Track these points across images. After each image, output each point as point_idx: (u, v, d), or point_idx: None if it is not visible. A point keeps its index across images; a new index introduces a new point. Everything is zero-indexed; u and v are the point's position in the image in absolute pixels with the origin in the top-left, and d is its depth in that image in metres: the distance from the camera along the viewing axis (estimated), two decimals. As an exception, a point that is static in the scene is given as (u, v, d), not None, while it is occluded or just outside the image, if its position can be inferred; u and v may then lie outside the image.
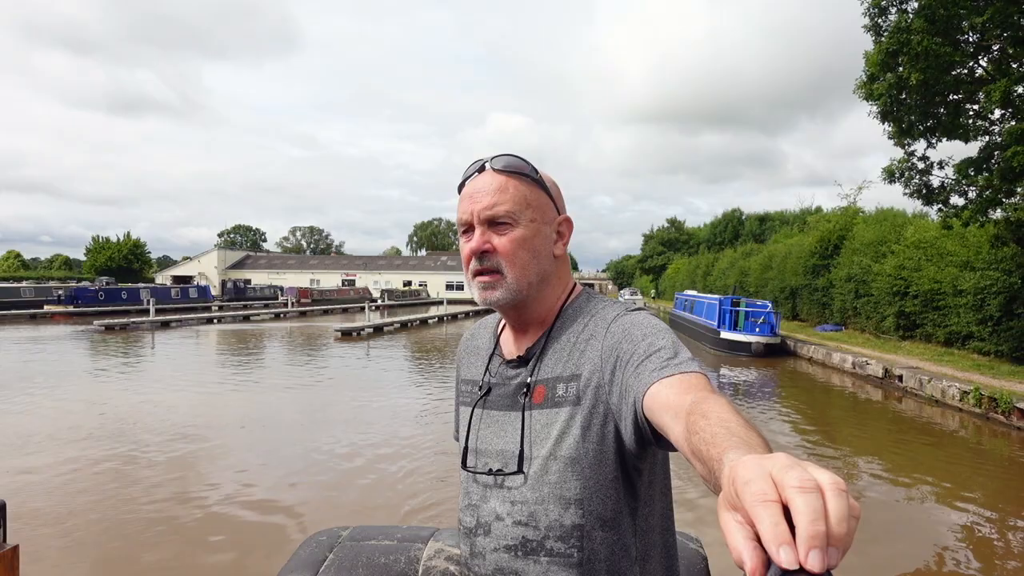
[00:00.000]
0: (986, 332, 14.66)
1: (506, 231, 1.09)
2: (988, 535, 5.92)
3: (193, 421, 9.67)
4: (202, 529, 5.63)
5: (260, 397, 12.29)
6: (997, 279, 14.14)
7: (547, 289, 1.15)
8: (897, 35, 9.42)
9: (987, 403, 10.51)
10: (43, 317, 34.17)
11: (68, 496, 6.41)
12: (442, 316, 36.17)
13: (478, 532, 1.13)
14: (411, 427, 9.48)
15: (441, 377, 15.17)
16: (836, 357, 17.12)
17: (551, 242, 1.15)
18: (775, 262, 31.54)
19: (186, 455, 7.88)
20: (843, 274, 22.61)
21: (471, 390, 1.24)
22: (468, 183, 1.15)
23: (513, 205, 1.09)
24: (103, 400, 11.43)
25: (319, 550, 1.49)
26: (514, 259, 1.09)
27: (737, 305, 21.59)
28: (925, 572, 5.09)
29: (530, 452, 1.08)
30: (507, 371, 1.18)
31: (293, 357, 19.29)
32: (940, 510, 6.58)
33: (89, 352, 19.18)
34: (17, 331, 26.08)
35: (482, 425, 1.18)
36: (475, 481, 1.16)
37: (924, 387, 12.41)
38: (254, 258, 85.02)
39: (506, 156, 1.13)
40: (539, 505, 1.06)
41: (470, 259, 1.12)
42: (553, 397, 1.09)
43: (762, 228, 65.47)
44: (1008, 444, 9.49)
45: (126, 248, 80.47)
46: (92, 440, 8.51)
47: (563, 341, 1.12)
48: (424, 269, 78.44)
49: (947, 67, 9.39)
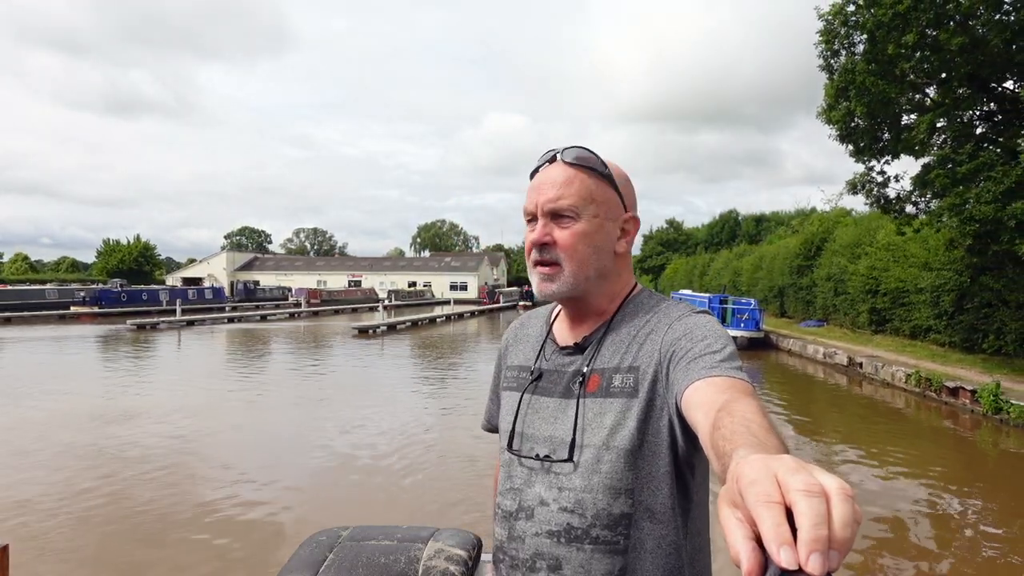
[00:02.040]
0: (942, 325, 16.46)
1: (568, 224, 1.09)
2: (906, 483, 7.76)
3: (213, 416, 10.24)
4: (202, 529, 5.65)
5: (292, 393, 14.09)
6: (950, 278, 15.93)
7: (606, 284, 1.15)
8: (845, 74, 11.29)
9: (924, 383, 12.39)
10: (71, 318, 36.00)
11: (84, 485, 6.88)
12: (449, 315, 38.14)
13: (519, 516, 1.11)
14: (415, 425, 9.73)
15: (448, 370, 16.98)
16: (810, 349, 19.02)
17: (614, 238, 1.13)
18: (765, 262, 33.35)
19: (185, 452, 8.16)
20: (824, 274, 24.41)
21: (519, 375, 1.24)
22: (538, 173, 1.14)
23: (577, 199, 1.09)
24: (153, 390, 13.27)
25: (319, 550, 1.49)
26: (573, 253, 1.09)
27: (725, 303, 23.44)
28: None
29: (581, 440, 1.07)
30: (561, 358, 1.17)
31: (320, 352, 21.17)
32: (872, 464, 8.42)
33: (132, 349, 21.05)
34: (54, 330, 27.95)
35: (530, 410, 1.17)
36: (519, 464, 1.15)
37: (879, 372, 14.35)
38: (262, 260, 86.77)
39: (576, 148, 1.12)
40: (588, 493, 1.04)
41: (531, 250, 1.12)
42: (609, 387, 1.07)
43: (758, 229, 66.86)
44: (937, 416, 11.36)
45: (136, 250, 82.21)
46: (130, 426, 10.33)
47: (623, 333, 1.12)
48: (428, 270, 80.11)
49: (887, 101, 11.20)
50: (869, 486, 7.26)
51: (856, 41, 11.26)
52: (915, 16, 9.90)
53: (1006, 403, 10.19)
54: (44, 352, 19.92)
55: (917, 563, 5.30)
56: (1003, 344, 14.23)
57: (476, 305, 52.13)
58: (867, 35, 10.84)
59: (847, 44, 11.44)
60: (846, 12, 11.01)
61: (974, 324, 15.20)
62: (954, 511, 6.58)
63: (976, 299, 15.01)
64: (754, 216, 71.43)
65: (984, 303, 14.77)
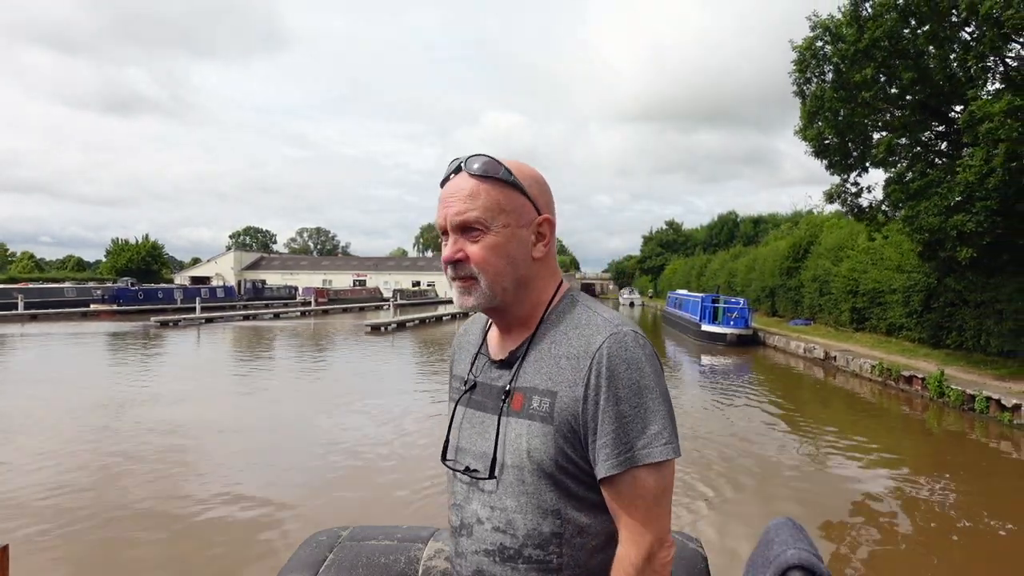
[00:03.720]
0: (912, 323, 17.98)
1: (478, 238, 1.08)
2: (862, 454, 9.29)
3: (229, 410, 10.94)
4: (202, 529, 5.68)
5: (315, 387, 15.57)
6: (919, 280, 17.43)
7: (527, 292, 1.14)
8: (815, 100, 12.81)
9: (885, 373, 13.94)
10: (92, 315, 37.53)
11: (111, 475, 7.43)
12: (455, 314, 39.75)
13: (462, 532, 1.14)
14: (419, 423, 9.88)
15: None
16: (792, 344, 20.60)
17: (529, 245, 1.12)
18: (757, 264, 34.90)
19: (186, 449, 8.29)
20: (810, 275, 25.94)
21: (458, 386, 1.24)
22: (446, 184, 1.12)
23: (484, 212, 1.07)
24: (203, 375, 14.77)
25: (319, 550, 1.48)
26: (486, 267, 1.08)
27: (716, 302, 24.99)
28: (799, 466, 8.46)
29: (503, 458, 1.09)
30: (492, 371, 1.17)
31: (341, 346, 22.73)
32: (835, 438, 9.96)
33: (169, 344, 22.62)
34: (84, 327, 29.52)
35: (465, 422, 1.19)
36: (457, 479, 1.17)
37: (849, 364, 15.93)
38: (268, 259, 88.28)
39: (479, 157, 1.09)
40: (518, 513, 1.06)
41: (446, 267, 1.12)
42: (528, 407, 1.08)
43: (756, 230, 68.20)
44: (896, 400, 12.92)
45: (144, 250, 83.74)
46: (162, 407, 11.81)
47: (543, 350, 1.11)
48: (431, 270, 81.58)
49: (852, 123, 12.72)
50: (828, 451, 8.80)
51: (825, 71, 12.81)
52: (874, 52, 11.43)
53: (948, 388, 11.78)
54: (96, 347, 21.47)
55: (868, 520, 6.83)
56: (964, 339, 15.74)
57: (479, 304, 53.53)
58: (833, 67, 12.42)
59: (817, 73, 12.97)
60: (815, 47, 12.58)
61: (940, 322, 16.70)
62: (900, 474, 8.11)
63: (941, 299, 16.51)
64: (752, 218, 72.90)
65: (948, 303, 16.26)
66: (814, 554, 1.05)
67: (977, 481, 7.87)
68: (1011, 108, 9.09)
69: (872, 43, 11.20)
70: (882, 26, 11.00)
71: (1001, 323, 13.94)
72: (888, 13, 10.88)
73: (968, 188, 10.39)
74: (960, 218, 10.65)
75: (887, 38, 11.05)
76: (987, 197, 10.26)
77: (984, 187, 10.07)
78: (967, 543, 5.91)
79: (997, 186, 9.94)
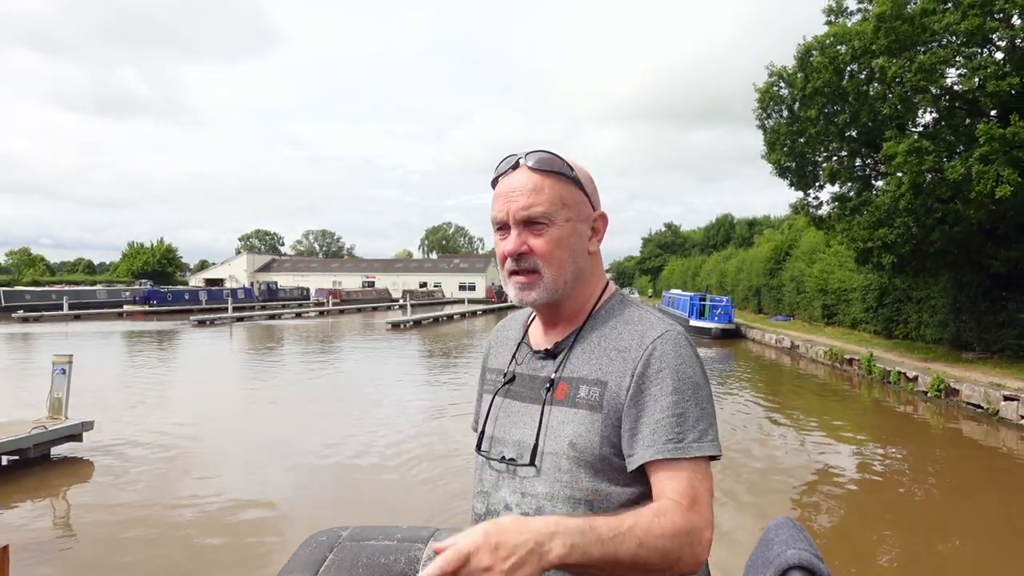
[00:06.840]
0: (869, 317, 20.77)
1: (542, 231, 1.10)
2: (805, 418, 12.09)
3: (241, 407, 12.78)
4: (202, 528, 5.72)
5: (343, 380, 18.29)
6: (874, 280, 20.21)
7: (581, 286, 1.16)
8: (773, 133, 15.64)
9: (833, 357, 16.78)
10: (128, 315, 40.33)
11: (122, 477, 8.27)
12: (464, 313, 42.67)
13: (487, 519, 1.07)
14: (423, 422, 10.28)
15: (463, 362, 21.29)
16: (767, 336, 23.53)
17: (586, 239, 1.15)
18: (745, 265, 37.67)
19: (190, 446, 8.46)
20: (788, 276, 28.72)
21: (495, 378, 1.27)
22: (502, 180, 1.14)
23: (549, 206, 1.09)
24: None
25: (319, 550, 1.49)
26: (551, 259, 1.10)
27: (704, 300, 27.86)
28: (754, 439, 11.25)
29: (544, 446, 1.10)
30: (534, 362, 1.20)
31: (366, 342, 25.59)
32: (787, 411, 12.77)
33: (220, 340, 25.44)
34: (130, 326, 32.42)
35: (501, 413, 1.21)
36: (489, 467, 1.18)
37: (808, 351, 18.81)
38: (279, 261, 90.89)
39: (540, 153, 1.12)
40: (548, 501, 1.08)
41: (506, 259, 1.13)
42: (574, 397, 1.10)
43: (751, 232, 70.76)
44: (840, 379, 15.74)
45: (159, 253, 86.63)
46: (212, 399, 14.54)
47: (592, 342, 1.13)
48: (438, 271, 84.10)
49: (803, 154, 15.58)
50: (776, 416, 11.60)
51: (781, 109, 15.64)
52: (817, 97, 14.26)
53: (874, 367, 14.67)
54: (176, 344, 24.32)
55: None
56: (908, 330, 18.52)
57: (485, 304, 56.47)
58: (787, 106, 15.27)
59: (776, 111, 15.80)
60: (773, 90, 15.44)
61: (891, 316, 19.49)
62: (832, 429, 10.88)
63: (891, 296, 19.29)
64: (747, 220, 75.57)
65: (896, 299, 19.05)
66: (814, 554, 1.03)
67: (897, 440, 10.65)
68: (911, 149, 11.87)
69: (815, 90, 14.00)
70: (822, 77, 13.80)
71: (934, 316, 16.77)
72: (826, 68, 13.67)
73: (888, 208, 13.19)
74: (883, 232, 13.43)
75: (826, 87, 13.85)
76: (903, 214, 13.05)
77: (897, 208, 12.87)
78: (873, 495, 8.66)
79: (907, 208, 12.73)
